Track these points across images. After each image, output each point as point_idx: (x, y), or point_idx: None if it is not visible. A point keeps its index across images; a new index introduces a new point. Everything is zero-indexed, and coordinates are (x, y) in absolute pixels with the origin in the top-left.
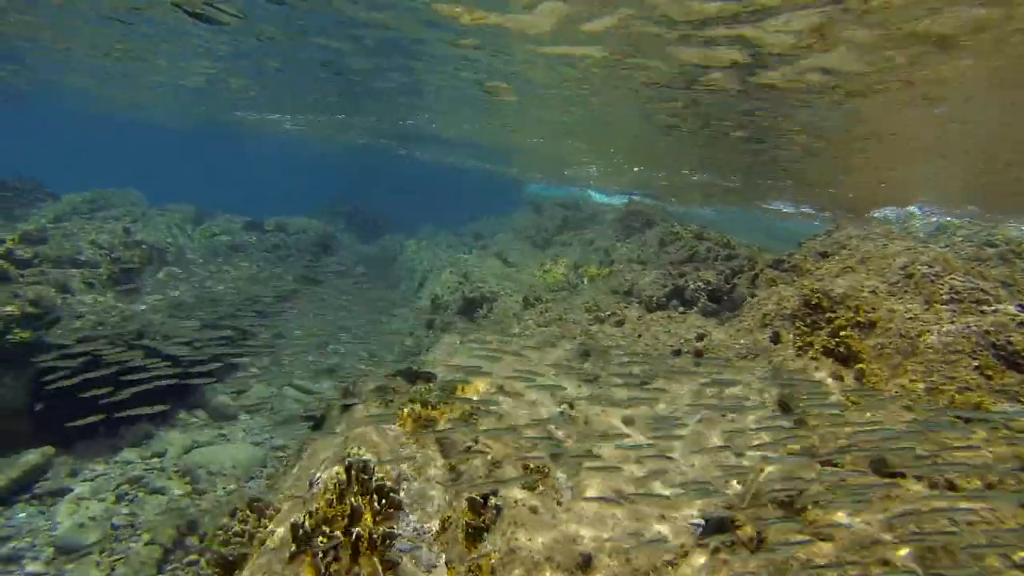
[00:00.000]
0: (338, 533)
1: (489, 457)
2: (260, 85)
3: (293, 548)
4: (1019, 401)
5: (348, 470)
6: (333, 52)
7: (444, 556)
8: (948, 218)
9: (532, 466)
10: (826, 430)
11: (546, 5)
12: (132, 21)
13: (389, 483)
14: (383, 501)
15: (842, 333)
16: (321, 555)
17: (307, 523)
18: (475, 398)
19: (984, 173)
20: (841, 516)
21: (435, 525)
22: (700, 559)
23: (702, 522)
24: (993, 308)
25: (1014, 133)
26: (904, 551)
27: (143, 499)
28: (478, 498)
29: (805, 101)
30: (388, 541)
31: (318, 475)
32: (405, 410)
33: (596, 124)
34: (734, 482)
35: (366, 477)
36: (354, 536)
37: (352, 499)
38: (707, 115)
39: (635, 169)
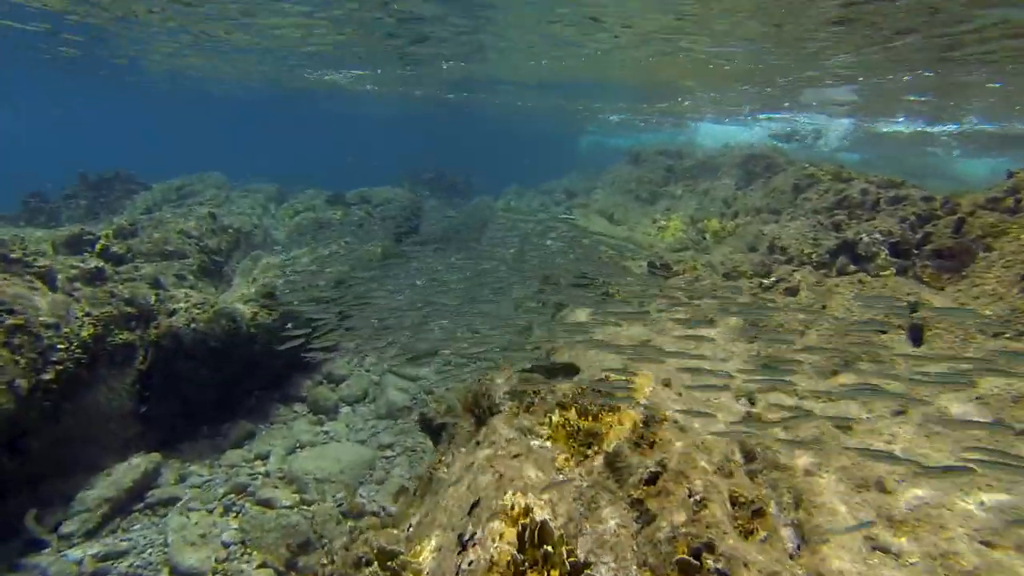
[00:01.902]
0: None
1: (687, 490)
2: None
3: None
4: None
5: (520, 536)
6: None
7: None
8: None
9: (743, 498)
10: None
11: None
12: None
13: (582, 554)
14: None
15: None
16: None
17: None
18: (644, 401)
19: None
20: None
21: None
22: None
23: None
24: None
25: None
26: None
27: (251, 511)
28: (691, 559)
29: None
30: None
31: (473, 531)
32: (554, 418)
33: None
34: None
35: (550, 550)
36: None
37: None
38: None
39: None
